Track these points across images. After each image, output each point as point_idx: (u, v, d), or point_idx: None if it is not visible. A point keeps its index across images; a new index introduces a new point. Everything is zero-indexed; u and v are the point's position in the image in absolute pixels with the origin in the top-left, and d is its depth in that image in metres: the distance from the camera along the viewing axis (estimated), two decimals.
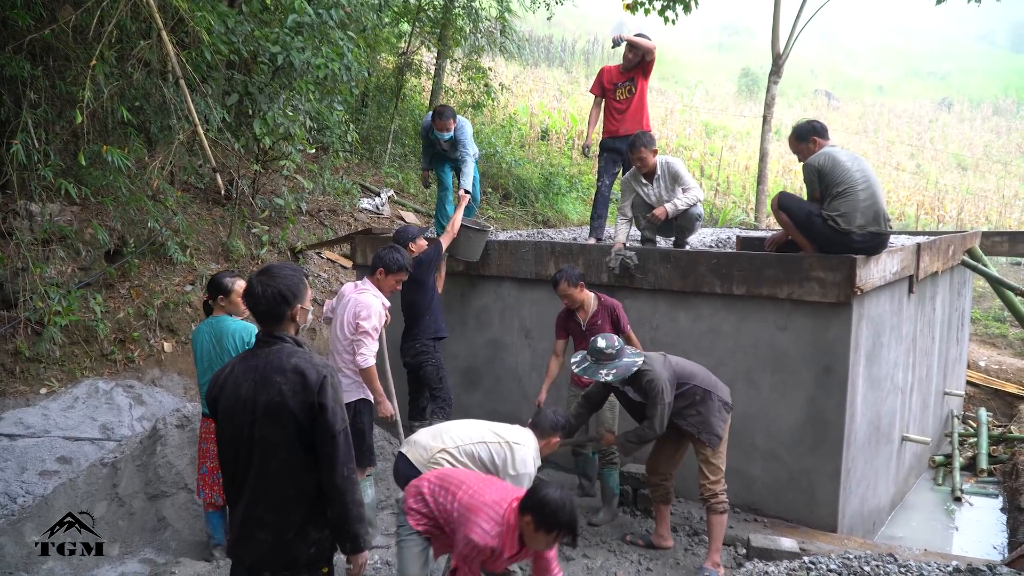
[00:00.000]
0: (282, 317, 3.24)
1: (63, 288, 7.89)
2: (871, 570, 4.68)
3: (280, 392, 3.10)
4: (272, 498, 3.16)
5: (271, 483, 3.16)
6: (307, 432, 3.13)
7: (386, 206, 12.53)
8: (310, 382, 3.11)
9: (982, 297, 13.84)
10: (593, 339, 5.40)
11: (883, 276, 6.32)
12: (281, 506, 3.15)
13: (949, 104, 37.32)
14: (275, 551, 3.17)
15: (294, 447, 3.13)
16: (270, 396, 3.12)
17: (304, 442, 3.14)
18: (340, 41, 9.24)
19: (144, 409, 7.49)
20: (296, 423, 3.10)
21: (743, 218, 18.05)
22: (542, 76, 28.73)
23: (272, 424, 3.12)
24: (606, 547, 5.90)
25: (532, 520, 3.73)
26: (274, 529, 3.16)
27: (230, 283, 5.33)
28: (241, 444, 3.19)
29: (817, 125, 6.36)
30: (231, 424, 3.21)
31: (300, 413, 3.10)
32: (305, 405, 3.10)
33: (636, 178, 7.12)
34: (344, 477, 3.14)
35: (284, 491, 3.15)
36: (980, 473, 8.74)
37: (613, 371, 5.28)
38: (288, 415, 3.10)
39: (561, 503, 3.71)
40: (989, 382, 11.28)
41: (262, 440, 3.14)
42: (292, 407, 3.09)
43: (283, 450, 3.13)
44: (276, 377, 3.12)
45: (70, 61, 8.09)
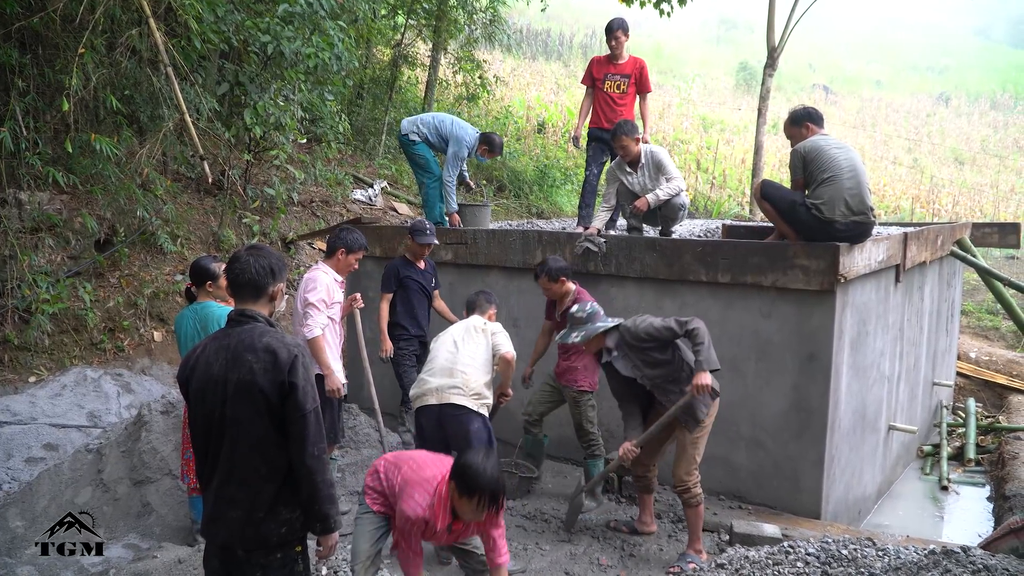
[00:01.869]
0: (263, 291, 3.25)
1: (52, 277, 7.91)
2: (848, 553, 4.70)
3: (251, 370, 3.11)
4: (242, 477, 3.16)
5: (242, 462, 3.16)
6: (277, 411, 3.13)
7: (379, 197, 12.54)
8: (281, 360, 3.11)
9: (975, 290, 13.85)
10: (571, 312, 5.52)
11: (868, 264, 6.33)
12: (252, 485, 3.16)
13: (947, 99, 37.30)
14: (245, 529, 3.17)
15: (264, 426, 3.13)
16: (241, 375, 3.12)
17: (275, 421, 3.14)
18: (331, 31, 9.24)
19: (132, 397, 7.51)
20: (266, 401, 3.11)
21: (737, 211, 18.06)
22: (539, 69, 28.71)
23: (242, 402, 3.12)
24: (590, 533, 5.92)
25: (456, 486, 3.78)
26: (244, 508, 3.16)
27: (217, 268, 5.31)
28: (212, 423, 3.20)
29: (812, 111, 6.36)
30: (202, 403, 3.22)
31: (270, 391, 3.10)
32: (275, 384, 3.10)
33: (621, 167, 7.14)
34: (314, 456, 3.15)
35: (255, 470, 3.16)
36: (968, 463, 8.76)
37: (582, 333, 5.36)
38: (258, 393, 3.10)
39: (480, 467, 3.74)
40: (979, 373, 11.30)
41: (233, 419, 3.15)
42: (262, 385, 3.10)
43: (253, 428, 3.14)
44: (247, 356, 3.13)
45: (59, 49, 8.09)
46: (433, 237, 6.84)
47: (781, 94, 31.94)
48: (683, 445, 5.40)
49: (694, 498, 5.39)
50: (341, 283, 5.93)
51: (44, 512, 5.68)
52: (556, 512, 6.23)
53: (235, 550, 3.22)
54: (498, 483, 3.77)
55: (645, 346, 5.29)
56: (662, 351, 5.30)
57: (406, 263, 6.90)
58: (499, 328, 5.50)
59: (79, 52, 7.23)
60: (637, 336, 5.28)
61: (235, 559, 3.23)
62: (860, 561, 4.61)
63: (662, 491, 6.60)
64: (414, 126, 8.13)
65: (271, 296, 3.29)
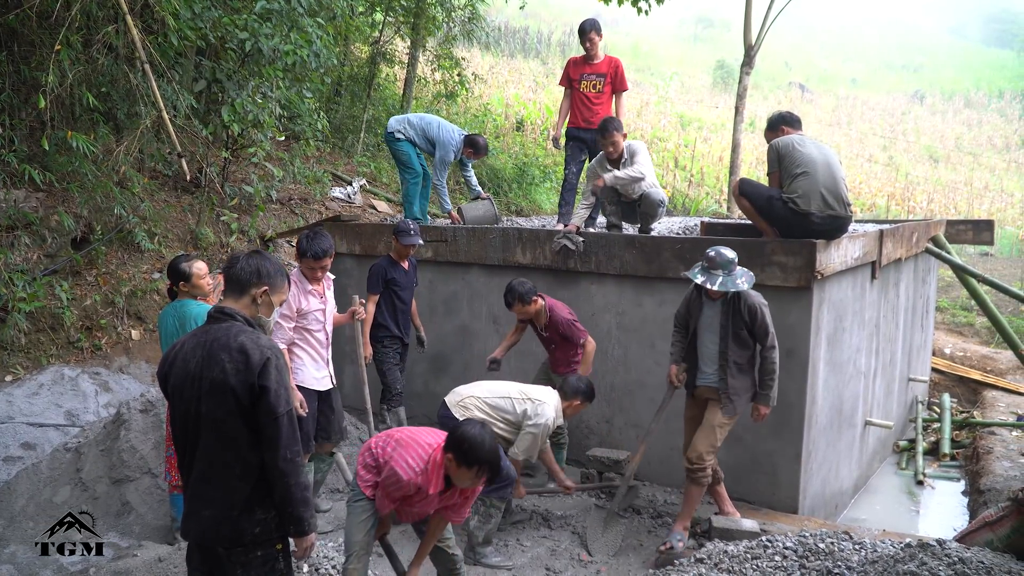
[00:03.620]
0: (245, 289, 3.27)
1: (28, 275, 7.83)
2: (826, 547, 4.77)
3: (223, 370, 3.11)
4: (216, 475, 3.17)
5: (216, 460, 3.17)
6: (249, 412, 3.14)
7: (358, 195, 12.50)
8: (252, 362, 3.12)
9: (950, 287, 14.00)
10: (717, 249, 5.37)
11: (844, 261, 6.40)
12: (225, 483, 3.17)
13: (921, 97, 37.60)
14: (220, 527, 3.18)
15: (237, 425, 3.14)
16: (214, 373, 3.13)
17: (247, 421, 3.14)
18: (309, 28, 9.21)
19: (111, 396, 7.46)
20: (238, 402, 3.11)
21: (715, 208, 18.16)
22: (518, 67, 28.71)
23: (216, 401, 3.13)
24: (570, 528, 5.96)
25: (454, 457, 3.86)
26: (218, 506, 3.17)
27: (187, 268, 5.31)
28: (189, 420, 3.21)
29: (786, 115, 6.50)
30: (180, 400, 3.23)
31: (241, 392, 3.11)
32: (246, 385, 3.11)
33: (602, 164, 7.18)
34: (287, 460, 3.16)
35: (229, 469, 3.17)
36: (943, 457, 8.87)
37: (718, 280, 5.25)
38: (230, 393, 3.11)
39: (480, 439, 3.83)
40: (954, 369, 11.44)
41: (207, 417, 3.15)
42: (234, 385, 3.10)
43: (227, 427, 3.14)
44: (221, 355, 3.14)
45: (35, 46, 8.01)
46: (418, 238, 6.87)
47: (758, 92, 32.10)
48: (711, 424, 5.47)
49: (704, 477, 5.47)
50: (319, 288, 5.73)
51: (23, 511, 5.64)
52: (536, 508, 6.26)
53: (215, 548, 3.22)
54: (496, 454, 3.88)
55: (743, 320, 5.34)
56: (747, 342, 5.41)
57: (392, 263, 6.91)
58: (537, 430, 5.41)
59: (55, 49, 7.17)
60: (749, 307, 5.31)
61: (215, 556, 3.24)
62: (837, 555, 4.67)
63: (643, 487, 6.65)
64: (401, 125, 8.26)
65: (253, 297, 3.29)
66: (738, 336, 5.39)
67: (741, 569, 4.72)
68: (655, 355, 6.74)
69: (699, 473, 5.46)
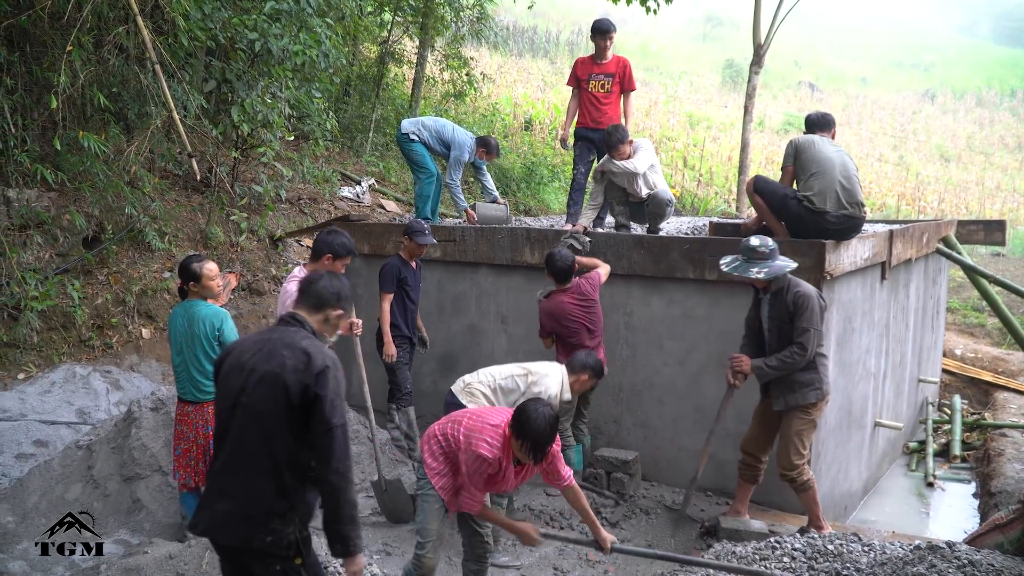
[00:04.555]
0: (323, 306, 3.34)
1: (41, 274, 7.89)
2: (835, 549, 4.76)
3: (282, 364, 3.11)
4: (242, 469, 3.13)
5: (245, 453, 3.13)
6: (295, 412, 3.10)
7: (367, 194, 12.54)
8: (313, 365, 3.11)
9: (961, 287, 13.94)
10: (746, 238, 5.39)
11: (854, 262, 6.39)
12: (250, 480, 3.12)
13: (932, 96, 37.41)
14: (232, 523, 3.12)
15: (279, 422, 3.10)
16: (271, 366, 3.12)
17: (291, 421, 3.11)
18: (318, 28, 9.24)
19: (121, 394, 7.50)
20: (287, 398, 3.09)
21: (724, 208, 18.12)
22: (526, 67, 28.70)
23: (264, 393, 3.11)
24: (578, 530, 5.96)
25: (511, 426, 3.97)
26: (236, 501, 3.12)
27: (198, 268, 5.34)
28: (227, 410, 3.19)
29: (815, 117, 6.57)
30: (226, 389, 3.22)
31: (294, 390, 3.09)
32: (301, 385, 3.09)
33: (609, 160, 7.21)
34: (338, 473, 3.12)
35: (256, 465, 3.12)
36: (953, 459, 8.84)
37: (765, 269, 5.23)
38: (282, 388, 3.09)
39: (533, 414, 3.89)
40: (965, 370, 11.39)
41: (249, 407, 3.13)
42: (288, 381, 3.09)
43: (268, 422, 3.11)
44: (283, 351, 3.15)
45: (47, 47, 8.05)
46: (431, 237, 6.90)
47: (767, 91, 32.03)
48: (787, 435, 5.44)
49: (801, 485, 5.46)
50: None
51: (35, 508, 5.69)
52: (544, 507, 6.27)
53: (240, 557, 3.17)
54: (543, 434, 3.89)
55: (787, 312, 5.28)
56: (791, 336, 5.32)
57: (403, 263, 6.92)
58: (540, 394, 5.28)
59: (67, 50, 7.21)
60: (794, 296, 5.24)
61: (242, 564, 3.19)
62: (846, 556, 4.66)
63: (649, 486, 6.66)
64: (415, 127, 8.31)
65: (327, 316, 3.35)
66: (782, 329, 5.34)
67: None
68: (663, 355, 6.75)
69: (794, 484, 5.46)
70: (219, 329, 5.27)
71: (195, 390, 5.33)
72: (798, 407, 5.38)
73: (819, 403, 5.43)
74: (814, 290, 5.31)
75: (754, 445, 5.72)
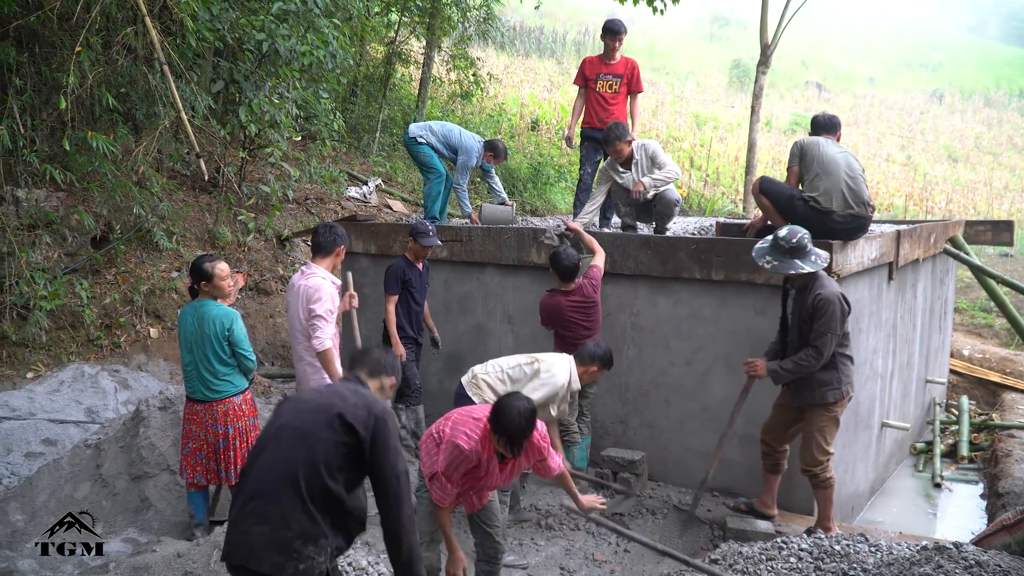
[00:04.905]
0: (378, 374, 3.58)
1: (49, 273, 7.93)
2: (841, 549, 4.75)
3: (343, 399, 3.26)
4: (284, 493, 3.08)
5: (288, 477, 3.10)
6: (339, 446, 3.17)
7: (373, 195, 12.57)
8: (374, 409, 3.25)
9: (969, 288, 13.90)
10: (778, 230, 5.41)
11: (861, 262, 6.38)
12: (290, 504, 3.07)
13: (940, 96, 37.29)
14: (269, 548, 3.03)
15: (323, 448, 3.14)
16: (329, 399, 3.26)
17: (333, 450, 3.16)
18: (325, 29, 9.27)
19: (129, 393, 7.54)
20: (343, 425, 3.18)
21: (731, 208, 18.10)
22: (533, 67, 28.69)
23: (319, 418, 3.20)
24: (585, 529, 5.97)
25: (489, 420, 4.02)
26: (274, 524, 3.05)
27: (210, 268, 5.37)
28: (271, 431, 3.27)
29: (821, 119, 6.59)
30: (275, 416, 3.35)
31: (348, 421, 3.18)
32: (359, 419, 3.20)
33: (613, 167, 7.19)
34: (408, 518, 3.26)
35: (297, 491, 3.08)
36: (961, 460, 8.82)
37: (775, 264, 5.26)
38: (336, 416, 3.19)
39: (508, 408, 3.93)
40: (972, 371, 11.36)
41: (301, 429, 3.18)
42: (344, 412, 3.20)
43: (318, 445, 3.14)
44: (345, 391, 3.32)
45: (56, 48, 8.10)
46: (436, 239, 6.90)
47: (774, 91, 31.98)
48: (809, 431, 5.46)
49: (822, 482, 5.48)
50: (337, 285, 5.80)
51: (44, 506, 5.72)
52: (551, 508, 6.27)
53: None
54: (518, 427, 3.92)
55: (807, 312, 5.27)
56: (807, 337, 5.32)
57: (408, 265, 6.92)
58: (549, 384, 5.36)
59: (76, 50, 7.24)
60: (815, 298, 5.22)
61: None
62: (853, 557, 4.66)
63: (656, 486, 6.66)
64: (423, 131, 8.31)
65: (383, 384, 3.60)
66: (802, 328, 5.33)
67: (755, 570, 4.71)
68: (670, 355, 6.74)
69: (815, 480, 5.48)
70: (229, 329, 5.30)
71: (204, 389, 5.35)
72: (818, 405, 5.39)
73: (839, 402, 5.42)
74: (837, 292, 5.27)
75: (770, 434, 5.75)
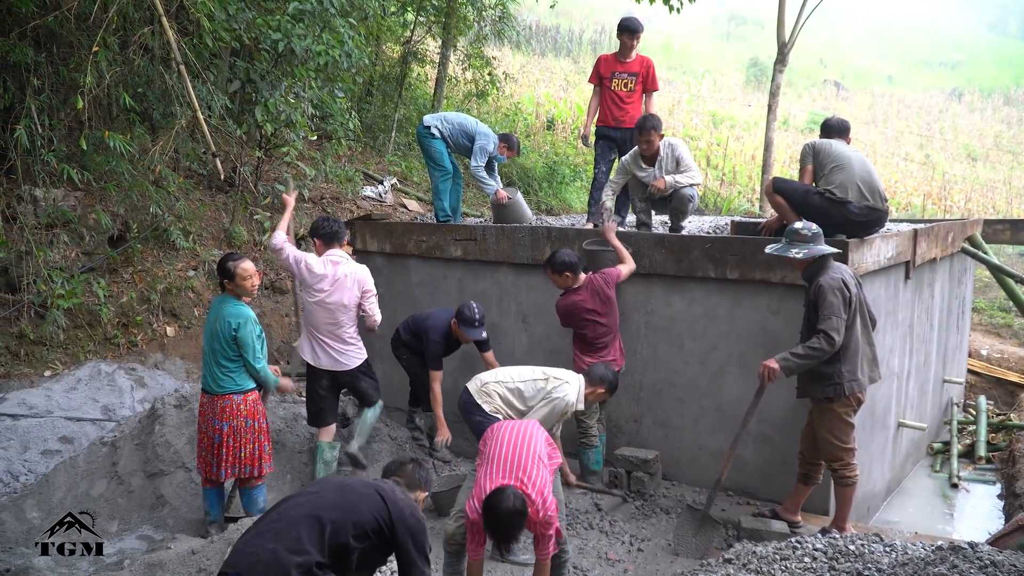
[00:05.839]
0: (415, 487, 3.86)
1: (67, 272, 8.00)
2: (856, 549, 4.72)
3: (394, 491, 3.49)
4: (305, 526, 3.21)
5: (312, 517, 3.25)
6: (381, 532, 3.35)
7: (389, 194, 12.60)
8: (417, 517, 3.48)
9: (987, 287, 13.79)
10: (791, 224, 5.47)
11: (877, 261, 6.34)
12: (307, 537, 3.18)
13: (959, 94, 36.98)
14: (274, 565, 3.07)
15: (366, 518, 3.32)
16: (381, 485, 3.50)
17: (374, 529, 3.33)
18: (341, 28, 9.29)
19: (146, 391, 7.59)
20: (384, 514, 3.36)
21: (747, 207, 18.03)
22: (549, 66, 28.67)
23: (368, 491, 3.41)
24: (598, 528, 5.96)
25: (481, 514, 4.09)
26: (286, 544, 3.13)
27: (233, 267, 5.40)
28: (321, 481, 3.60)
29: (833, 122, 6.59)
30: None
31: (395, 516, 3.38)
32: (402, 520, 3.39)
33: (636, 162, 7.15)
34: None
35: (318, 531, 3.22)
36: (978, 460, 8.75)
37: (804, 250, 5.27)
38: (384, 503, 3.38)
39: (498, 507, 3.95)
40: (991, 370, 11.27)
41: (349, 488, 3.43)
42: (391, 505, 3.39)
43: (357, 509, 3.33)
44: (396, 489, 3.55)
45: (73, 48, 8.16)
46: (482, 331, 6.68)
47: (792, 90, 31.83)
48: (817, 426, 5.44)
49: (842, 479, 5.44)
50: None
51: (60, 503, 5.76)
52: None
53: None
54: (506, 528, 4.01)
55: (813, 305, 5.28)
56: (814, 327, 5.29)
57: (449, 342, 6.86)
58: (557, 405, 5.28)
59: (93, 50, 7.30)
60: (816, 287, 5.23)
61: None
62: (867, 556, 4.63)
63: (671, 486, 6.64)
64: (438, 121, 8.25)
65: (416, 499, 3.82)
66: (810, 319, 5.32)
67: (770, 570, 4.69)
68: (684, 355, 6.72)
69: (835, 475, 5.44)
70: (235, 330, 5.30)
71: (212, 382, 5.39)
72: (819, 399, 5.35)
73: (839, 399, 5.34)
74: (838, 279, 5.24)
75: (806, 443, 5.69)
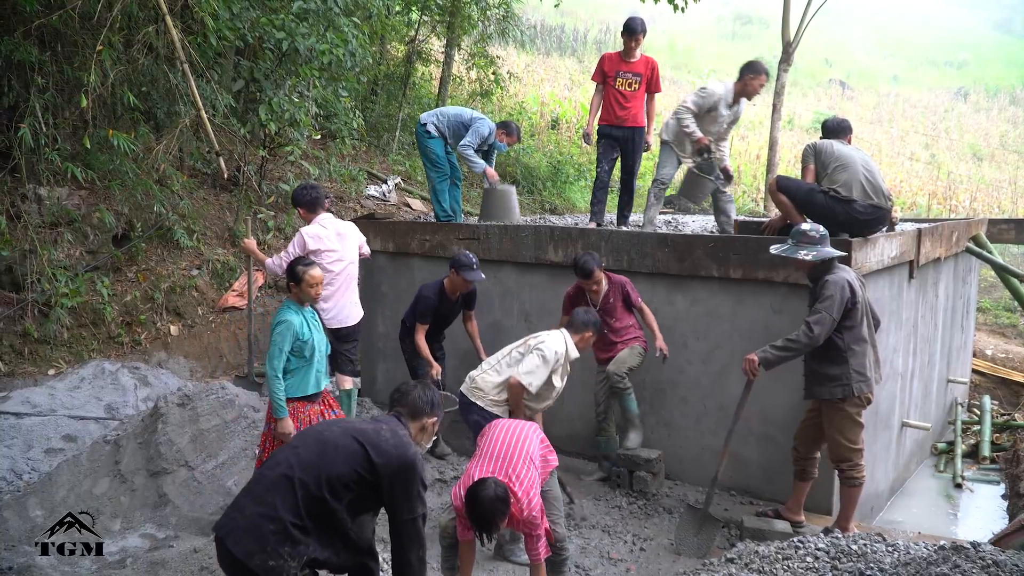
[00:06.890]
0: (419, 416, 3.60)
1: (71, 271, 8.02)
2: (858, 549, 4.71)
3: (379, 435, 3.33)
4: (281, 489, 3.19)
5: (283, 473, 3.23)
6: (366, 482, 3.26)
7: (392, 193, 12.60)
8: (406, 458, 3.31)
9: (992, 287, 13.76)
10: (798, 224, 5.52)
11: (880, 260, 6.33)
12: (282, 501, 3.17)
13: (965, 94, 36.86)
14: (248, 532, 3.13)
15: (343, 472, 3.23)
16: (366, 432, 3.34)
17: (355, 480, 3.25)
18: (345, 28, 9.30)
19: (149, 390, 7.60)
20: (366, 466, 3.25)
21: (751, 207, 18.01)
22: (553, 65, 28.66)
23: (348, 443, 3.29)
24: (600, 527, 5.96)
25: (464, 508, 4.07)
26: (263, 512, 3.16)
27: (301, 272, 5.22)
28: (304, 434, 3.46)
29: (832, 123, 6.62)
30: (320, 424, 3.54)
31: (379, 466, 3.26)
32: (387, 467, 3.27)
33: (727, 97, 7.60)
34: (419, 559, 3.34)
35: (292, 492, 3.19)
36: (982, 460, 8.73)
37: (813, 252, 5.28)
38: (364, 455, 3.26)
39: (480, 497, 3.90)
40: (995, 370, 11.24)
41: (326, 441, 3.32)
42: (375, 456, 3.26)
43: (333, 463, 3.24)
44: (384, 429, 3.40)
45: (77, 47, 8.19)
46: (480, 273, 6.63)
47: (797, 89, 31.76)
48: (827, 427, 5.44)
49: (848, 479, 5.44)
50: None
51: (63, 502, 5.76)
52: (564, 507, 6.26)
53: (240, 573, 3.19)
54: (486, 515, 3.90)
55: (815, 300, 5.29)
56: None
57: (442, 296, 6.76)
58: (544, 351, 5.42)
59: (97, 49, 7.31)
60: (824, 284, 5.24)
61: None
62: (870, 556, 4.61)
63: (673, 485, 6.63)
64: (434, 117, 8.27)
65: (424, 425, 3.62)
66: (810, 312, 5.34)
67: (772, 570, 4.68)
68: (687, 354, 6.72)
69: (846, 473, 5.42)
70: (272, 333, 5.21)
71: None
72: (827, 401, 5.34)
73: (849, 399, 5.33)
74: (844, 279, 5.23)
75: (800, 439, 5.69)
